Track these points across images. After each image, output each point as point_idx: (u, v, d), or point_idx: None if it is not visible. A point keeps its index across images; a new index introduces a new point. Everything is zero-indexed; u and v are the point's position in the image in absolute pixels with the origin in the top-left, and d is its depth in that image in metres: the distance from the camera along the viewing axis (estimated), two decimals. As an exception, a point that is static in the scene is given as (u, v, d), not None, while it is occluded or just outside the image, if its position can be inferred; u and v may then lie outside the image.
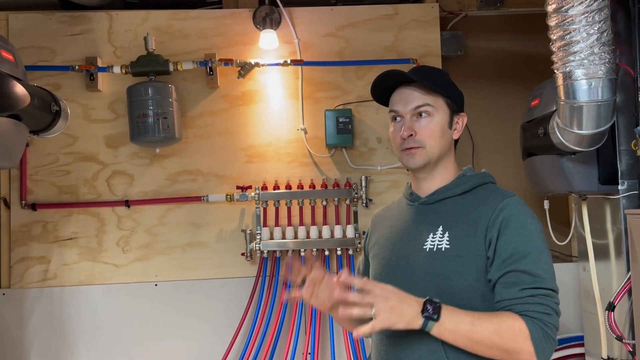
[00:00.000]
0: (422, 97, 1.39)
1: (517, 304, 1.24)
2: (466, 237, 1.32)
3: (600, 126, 1.98)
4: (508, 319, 1.22)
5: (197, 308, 2.78)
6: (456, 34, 2.99)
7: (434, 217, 1.38)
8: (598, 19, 1.87)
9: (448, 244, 1.32)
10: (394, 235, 1.44)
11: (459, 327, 1.20)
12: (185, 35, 2.87)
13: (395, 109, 1.42)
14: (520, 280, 1.25)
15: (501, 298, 1.26)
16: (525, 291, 1.24)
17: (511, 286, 1.25)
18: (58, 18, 2.83)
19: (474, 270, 1.30)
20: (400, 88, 1.42)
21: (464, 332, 1.20)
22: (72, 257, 2.78)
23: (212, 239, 2.82)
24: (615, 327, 2.07)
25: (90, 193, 2.81)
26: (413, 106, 1.39)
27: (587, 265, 2.40)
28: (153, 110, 2.62)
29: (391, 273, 1.39)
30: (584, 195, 2.35)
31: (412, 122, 1.39)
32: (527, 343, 1.20)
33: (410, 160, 1.40)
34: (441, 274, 1.31)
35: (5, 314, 2.72)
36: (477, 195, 1.39)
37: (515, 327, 1.21)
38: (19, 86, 1.96)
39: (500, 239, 1.28)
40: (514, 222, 1.30)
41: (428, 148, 1.38)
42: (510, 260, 1.26)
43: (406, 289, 1.32)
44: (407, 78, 1.40)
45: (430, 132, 1.38)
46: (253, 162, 2.86)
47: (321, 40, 2.90)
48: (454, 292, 1.29)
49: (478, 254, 1.30)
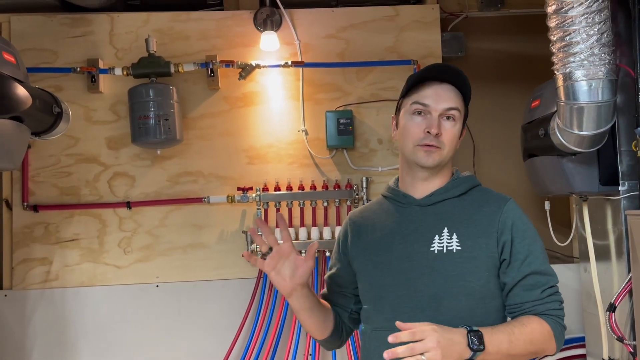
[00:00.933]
0: (456, 100, 1.39)
1: (539, 304, 1.33)
2: (477, 239, 1.34)
3: (600, 127, 1.98)
4: (537, 325, 1.31)
5: (198, 309, 2.78)
6: (457, 35, 2.99)
7: (433, 219, 1.38)
8: (598, 20, 1.87)
9: (459, 246, 1.33)
10: (389, 238, 1.41)
11: (500, 348, 1.25)
12: (186, 36, 2.87)
13: (425, 103, 1.37)
14: (538, 282, 1.34)
15: (523, 300, 1.34)
16: (545, 292, 1.34)
17: (533, 288, 1.33)
18: (60, 20, 2.84)
19: (485, 271, 1.34)
20: (433, 83, 1.38)
21: (505, 351, 1.26)
22: (73, 259, 2.79)
23: (213, 240, 2.83)
24: (616, 328, 2.07)
25: (92, 194, 2.81)
26: (446, 106, 1.37)
27: (588, 266, 2.40)
28: (154, 112, 2.63)
29: (394, 277, 1.37)
30: (584, 196, 2.35)
31: (439, 121, 1.37)
32: (552, 341, 1.32)
33: (425, 158, 1.37)
34: (455, 275, 1.32)
35: (7, 315, 2.73)
36: (473, 197, 1.41)
37: (544, 332, 1.31)
38: (20, 88, 1.96)
39: (515, 242, 1.34)
40: (521, 225, 1.36)
41: (445, 152, 1.38)
42: (527, 262, 1.34)
43: (414, 292, 1.33)
44: (460, 82, 1.39)
45: (452, 137, 1.38)
46: (254, 164, 2.86)
47: (322, 41, 2.90)
48: (468, 292, 1.32)
49: (490, 255, 1.34)
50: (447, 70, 1.41)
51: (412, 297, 1.34)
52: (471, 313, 1.31)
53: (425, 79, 1.39)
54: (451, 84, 1.39)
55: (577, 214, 2.55)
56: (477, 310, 1.32)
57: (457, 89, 1.40)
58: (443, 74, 1.40)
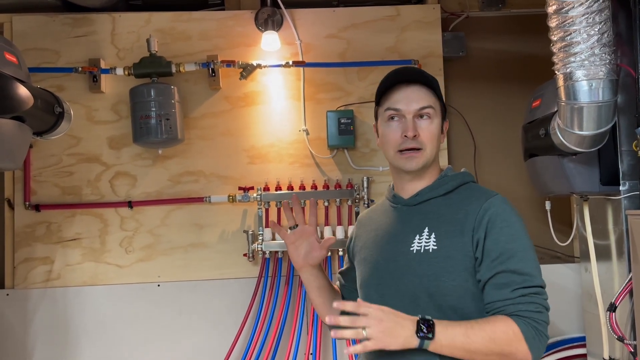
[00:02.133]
0: (427, 98, 1.39)
1: (509, 304, 1.25)
2: (453, 238, 1.32)
3: (601, 127, 1.98)
4: (501, 323, 1.23)
5: (200, 308, 2.79)
6: (458, 34, 2.99)
7: (419, 219, 1.38)
8: (599, 20, 1.87)
9: (435, 245, 1.32)
10: (379, 238, 1.43)
11: (454, 340, 1.21)
12: (187, 36, 2.88)
13: (396, 107, 1.38)
14: (510, 281, 1.26)
15: (492, 299, 1.27)
16: (516, 291, 1.25)
17: (502, 287, 1.26)
18: (61, 20, 2.84)
19: (462, 270, 1.30)
20: (402, 87, 1.40)
21: (460, 345, 1.21)
22: (75, 258, 2.79)
23: (215, 239, 2.83)
24: (617, 327, 2.07)
25: (94, 194, 2.82)
26: (418, 107, 1.38)
27: (589, 265, 2.41)
28: (156, 112, 2.63)
29: (379, 276, 1.39)
30: (585, 196, 2.35)
31: (414, 122, 1.37)
32: (521, 344, 1.22)
33: (408, 163, 1.38)
34: (431, 275, 1.31)
35: (9, 314, 2.73)
36: (460, 195, 1.39)
37: (508, 331, 1.22)
38: (22, 88, 1.97)
39: (488, 239, 1.29)
40: (499, 222, 1.30)
41: (428, 151, 1.38)
42: (499, 260, 1.27)
43: (396, 291, 1.33)
44: (425, 79, 1.39)
45: (430, 135, 1.38)
46: (255, 163, 2.87)
47: (323, 41, 2.90)
48: (444, 292, 1.30)
49: (466, 254, 1.30)
50: (410, 72, 1.43)
51: (394, 297, 1.34)
52: (451, 313, 1.29)
53: (393, 84, 1.40)
54: (419, 83, 1.39)
55: (578, 214, 2.56)
56: (458, 310, 1.29)
57: (426, 86, 1.40)
58: (408, 76, 1.41)
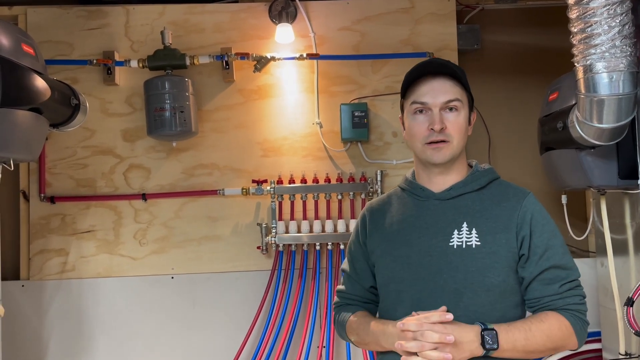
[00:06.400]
0: (453, 90, 1.38)
1: (558, 299, 1.32)
2: (496, 234, 1.34)
3: (620, 120, 1.96)
4: (554, 320, 1.30)
5: (213, 301, 2.80)
6: (473, 27, 2.96)
7: (453, 213, 1.38)
8: (619, 11, 1.84)
9: (478, 241, 1.33)
10: (407, 232, 1.41)
11: (515, 345, 1.26)
12: (201, 29, 2.87)
13: (423, 101, 1.37)
14: (556, 276, 1.32)
15: (541, 295, 1.33)
16: (563, 286, 1.32)
17: (550, 283, 1.32)
18: (75, 12, 2.85)
19: (505, 266, 1.33)
20: (427, 79, 1.38)
21: (521, 348, 1.26)
22: (89, 250, 2.81)
23: (228, 232, 2.84)
24: (634, 322, 2.05)
25: (108, 186, 2.83)
26: (445, 99, 1.37)
27: (605, 260, 2.39)
28: (170, 104, 2.64)
29: (414, 271, 1.37)
30: (602, 190, 2.33)
31: (441, 115, 1.36)
32: (572, 337, 1.31)
33: (435, 155, 1.37)
34: (475, 270, 1.32)
35: (25, 305, 2.76)
36: (492, 191, 1.40)
37: (562, 328, 1.30)
38: (39, 80, 1.97)
39: (534, 236, 1.33)
40: (540, 219, 1.35)
41: (455, 143, 1.38)
42: (545, 256, 1.32)
43: (434, 287, 1.33)
44: (452, 70, 1.37)
45: (458, 127, 1.38)
46: (268, 156, 2.86)
47: (337, 34, 2.89)
48: (488, 288, 1.32)
49: (510, 251, 1.33)
50: (435, 64, 1.42)
51: (432, 293, 1.34)
52: (491, 308, 1.32)
53: (419, 76, 1.39)
54: (446, 75, 1.38)
55: (595, 208, 2.53)
56: (497, 305, 1.32)
57: (452, 77, 1.38)
58: (433, 68, 1.40)
